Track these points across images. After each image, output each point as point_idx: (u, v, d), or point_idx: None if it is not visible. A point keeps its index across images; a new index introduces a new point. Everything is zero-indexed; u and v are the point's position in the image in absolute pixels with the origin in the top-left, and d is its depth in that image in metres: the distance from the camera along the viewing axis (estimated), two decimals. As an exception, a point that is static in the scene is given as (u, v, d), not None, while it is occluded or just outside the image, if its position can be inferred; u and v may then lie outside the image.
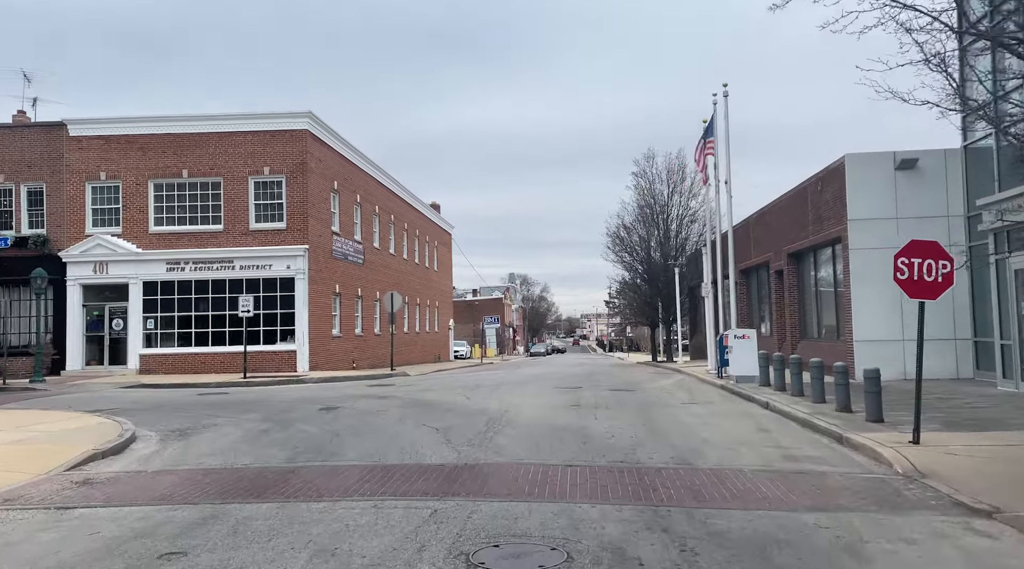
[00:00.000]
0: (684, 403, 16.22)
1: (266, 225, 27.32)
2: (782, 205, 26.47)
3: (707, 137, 23.88)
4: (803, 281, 25.57)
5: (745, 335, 20.25)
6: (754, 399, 16.22)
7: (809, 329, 25.14)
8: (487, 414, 14.17)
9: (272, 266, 27.04)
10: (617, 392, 18.97)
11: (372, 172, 35.91)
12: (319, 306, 28.01)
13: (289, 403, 16.69)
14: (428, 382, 24.30)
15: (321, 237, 28.55)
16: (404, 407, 15.55)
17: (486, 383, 23.23)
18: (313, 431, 12.30)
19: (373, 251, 35.77)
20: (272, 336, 27.03)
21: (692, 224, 39.01)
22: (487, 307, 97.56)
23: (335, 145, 30.33)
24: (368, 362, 33.61)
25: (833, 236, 21.10)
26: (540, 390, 19.85)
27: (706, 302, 27.42)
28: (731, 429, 12.23)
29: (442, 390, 20.25)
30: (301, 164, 27.26)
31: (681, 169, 38.85)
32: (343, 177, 31.40)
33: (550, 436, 11.37)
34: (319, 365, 27.72)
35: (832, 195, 20.99)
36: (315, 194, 28.05)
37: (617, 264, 43.50)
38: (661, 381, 23.34)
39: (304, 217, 27.18)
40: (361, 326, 33.56)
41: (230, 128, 27.25)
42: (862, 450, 9.90)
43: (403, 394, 18.81)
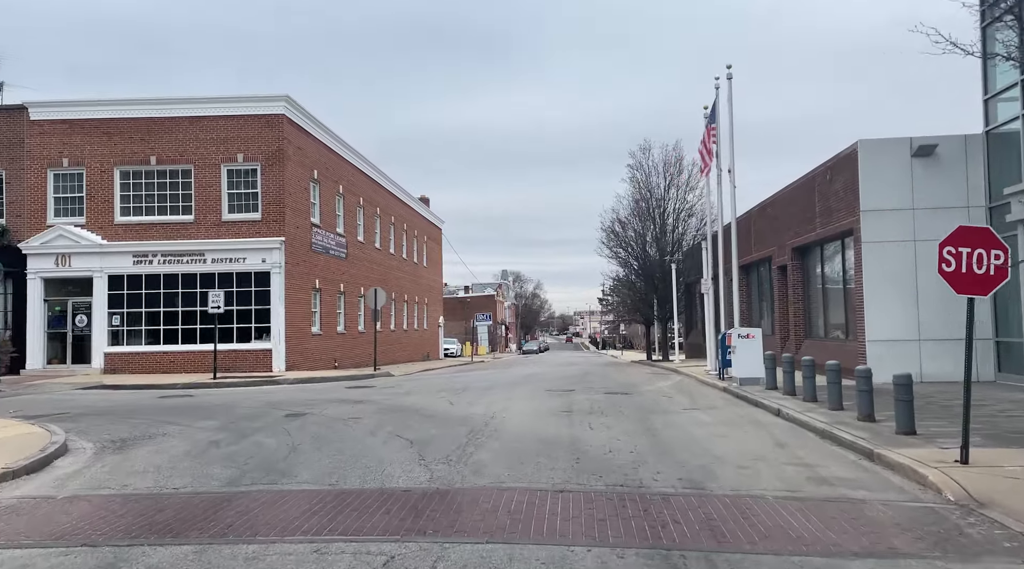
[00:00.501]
0: (686, 409, 14.84)
1: (240, 216, 25.77)
2: (786, 197, 25.11)
3: (710, 124, 22.49)
4: (808, 277, 24.22)
5: (750, 334, 18.88)
6: (763, 404, 14.84)
7: (815, 328, 23.80)
8: (470, 422, 12.75)
9: (246, 259, 25.50)
10: (613, 395, 17.57)
11: (357, 162, 34.38)
12: (297, 302, 26.51)
13: (254, 408, 15.23)
14: (412, 384, 22.85)
15: (299, 229, 27.02)
16: (380, 414, 14.11)
17: (473, 385, 21.81)
18: (270, 443, 10.84)
19: (357, 245, 34.25)
20: (246, 334, 25.51)
21: (689, 218, 37.69)
22: (479, 304, 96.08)
23: (315, 132, 28.79)
24: (352, 361, 32.13)
25: (843, 228, 19.74)
26: (530, 393, 18.44)
27: (705, 299, 26.05)
28: (743, 441, 10.84)
29: (425, 393, 18.81)
30: (277, 151, 25.72)
31: (678, 162, 37.52)
32: (324, 166, 29.87)
33: (539, 450, 9.95)
34: (297, 365, 26.22)
35: (843, 185, 19.63)
36: (293, 183, 26.52)
37: (612, 260, 42.07)
38: (659, 383, 21.96)
39: (281, 207, 25.65)
40: (344, 323, 32.05)
41: (202, 112, 25.68)
42: (900, 471, 8.52)
43: (382, 398, 17.36)
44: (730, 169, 20.40)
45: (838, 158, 19.96)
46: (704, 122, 23.74)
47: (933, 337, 17.97)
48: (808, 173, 22.66)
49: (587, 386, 20.65)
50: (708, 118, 23.01)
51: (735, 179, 20.40)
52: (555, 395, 17.72)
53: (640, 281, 41.00)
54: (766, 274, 28.90)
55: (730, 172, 20.40)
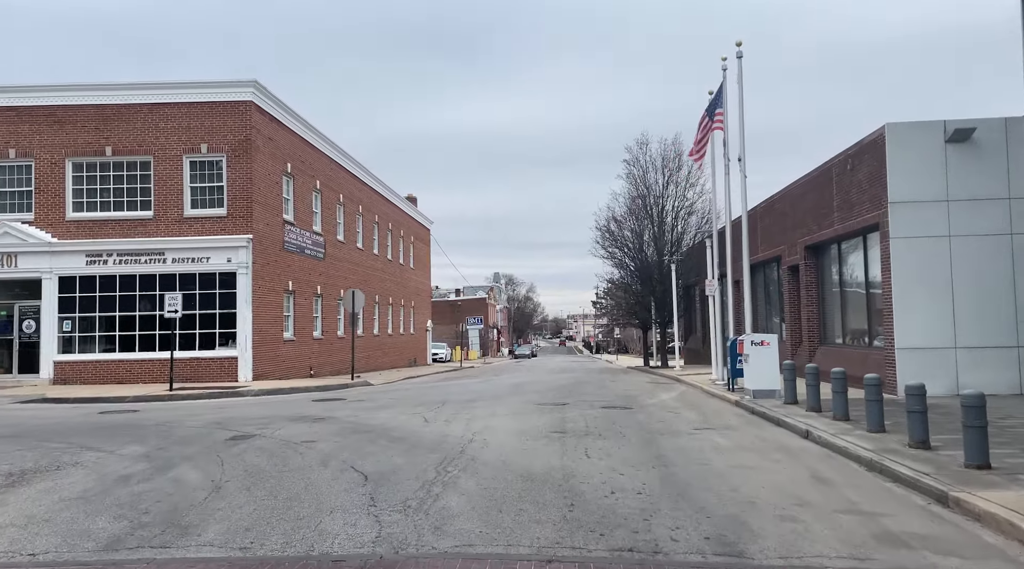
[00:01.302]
0: (697, 429, 12.81)
1: (204, 211, 23.67)
2: (797, 192, 23.16)
3: (715, 109, 20.53)
4: (823, 278, 22.26)
5: (764, 341, 16.89)
6: (785, 424, 12.84)
7: (830, 334, 21.82)
8: (444, 448, 10.71)
9: (210, 259, 23.39)
10: (611, 411, 15.54)
11: (336, 157, 32.29)
12: (267, 305, 24.40)
13: (197, 429, 13.14)
14: (389, 395, 20.78)
15: (270, 226, 24.93)
16: (340, 436, 12.05)
17: (456, 396, 19.76)
18: (192, 479, 8.78)
19: (336, 245, 32.15)
20: (210, 340, 23.39)
21: (689, 217, 35.74)
22: (470, 307, 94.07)
23: (289, 122, 26.71)
24: (330, 369, 30.03)
25: (866, 223, 17.78)
26: (518, 408, 16.40)
27: (710, 301, 24.05)
28: (775, 476, 8.83)
29: (400, 407, 16.76)
30: (245, 141, 23.62)
31: (677, 157, 35.51)
32: (299, 160, 27.79)
33: (523, 492, 7.92)
34: (266, 373, 24.10)
35: (867, 174, 17.67)
36: (262, 177, 24.44)
37: (607, 260, 40.06)
38: (661, 394, 19.95)
39: (248, 203, 23.56)
40: (321, 328, 29.94)
41: (162, 98, 23.57)
42: (993, 524, 6.53)
43: (349, 414, 15.29)
44: (740, 158, 18.42)
45: (861, 145, 18.01)
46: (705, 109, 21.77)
47: (971, 344, 16.00)
48: (824, 163, 20.72)
49: (581, 398, 18.62)
50: (712, 103, 21.04)
51: (746, 169, 18.43)
52: (546, 410, 15.68)
53: (637, 283, 39.05)
54: (774, 276, 26.96)
55: (740, 161, 18.41)
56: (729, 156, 20.27)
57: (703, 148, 21.44)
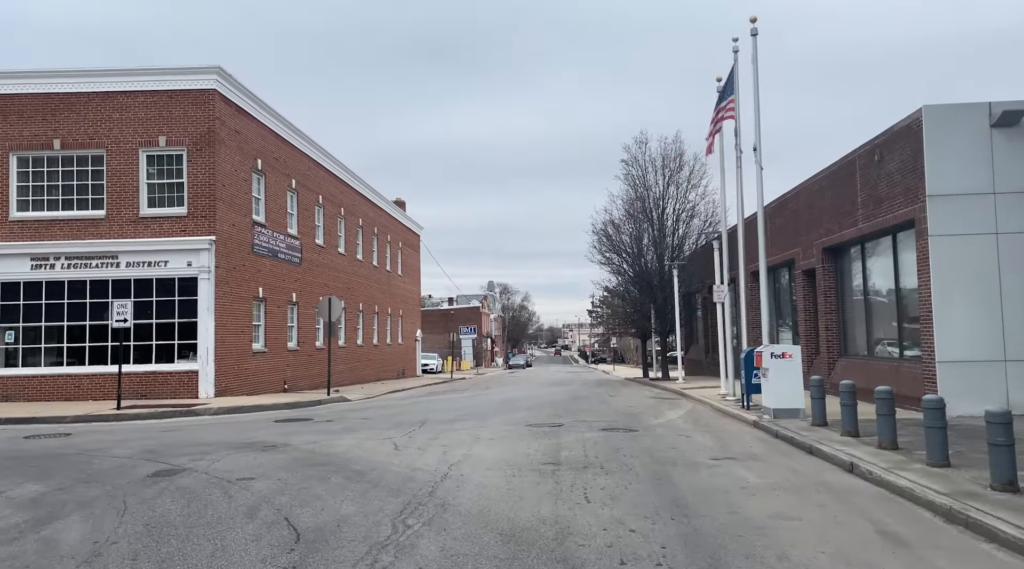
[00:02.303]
0: (717, 459, 10.75)
1: (162, 210, 21.55)
2: (813, 189, 21.19)
3: (727, 96, 18.58)
4: (844, 283, 20.27)
5: (786, 353, 14.87)
6: (821, 453, 10.79)
7: (853, 344, 19.81)
8: (409, 488, 8.64)
9: (168, 263, 21.27)
10: (613, 434, 13.47)
11: (315, 155, 30.24)
12: (232, 314, 22.27)
13: (122, 459, 11.04)
14: (364, 413, 18.67)
15: (236, 228, 22.82)
16: (288, 469, 9.96)
17: (438, 414, 17.67)
18: (70, 540, 6.71)
19: (315, 249, 30.05)
20: (168, 352, 21.24)
21: (691, 220, 33.72)
22: (463, 316, 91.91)
23: (259, 115, 24.65)
24: (308, 382, 27.88)
25: (899, 220, 15.80)
26: (506, 430, 14.31)
27: (718, 309, 22.02)
28: (831, 530, 6.78)
29: (372, 429, 14.66)
30: (208, 133, 21.55)
31: (678, 156, 33.53)
32: (272, 156, 25.73)
33: (503, 560, 5.85)
34: (231, 389, 21.95)
35: (899, 165, 15.70)
36: (228, 173, 22.36)
37: (604, 266, 37.99)
38: (667, 412, 17.88)
39: (211, 201, 21.46)
40: (297, 339, 27.80)
41: (117, 86, 21.50)
42: None
43: (309, 439, 13.18)
44: (756, 147, 16.43)
45: (892, 132, 16.04)
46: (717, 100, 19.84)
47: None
48: (845, 156, 18.76)
49: (579, 417, 16.54)
50: (722, 91, 19.10)
51: (762, 159, 16.43)
52: (537, 433, 13.59)
53: (635, 290, 36.98)
54: (785, 281, 24.96)
55: (756, 151, 16.42)
56: (741, 147, 18.29)
57: (711, 140, 19.47)
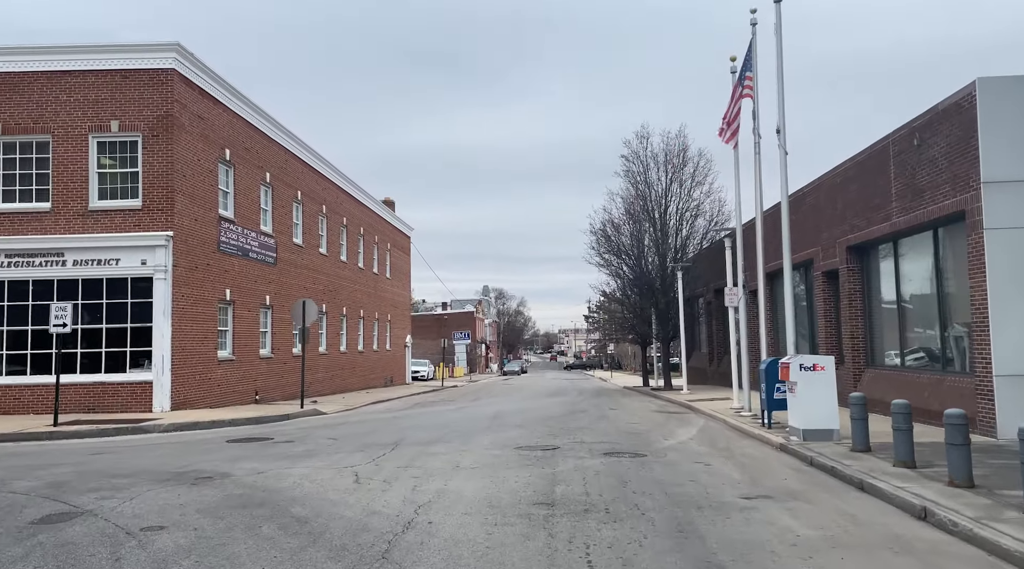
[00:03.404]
0: (749, 497, 8.68)
1: (114, 203, 19.44)
2: (836, 182, 19.20)
3: (744, 73, 16.59)
4: (871, 284, 18.25)
5: (818, 365, 12.81)
6: (876, 490, 8.73)
7: (881, 354, 17.78)
8: (357, 548, 6.56)
9: (120, 261, 19.15)
10: (618, 460, 11.40)
11: (294, 148, 28.16)
12: (194, 318, 20.15)
13: (13, 498, 8.96)
14: (335, 430, 16.57)
15: (199, 223, 20.71)
16: (213, 514, 7.88)
17: (417, 432, 15.58)
18: None
19: (293, 249, 27.95)
20: (119, 361, 19.10)
21: (695, 219, 31.71)
22: (457, 321, 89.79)
23: (227, 100, 22.56)
24: (283, 392, 25.74)
25: (944, 213, 13.78)
26: (492, 453, 12.23)
27: (730, 313, 19.98)
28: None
29: (336, 452, 12.57)
30: (165, 118, 19.46)
31: (682, 151, 31.53)
32: (242, 146, 23.64)
33: None
34: (192, 401, 19.82)
35: (945, 149, 13.68)
36: (189, 162, 20.26)
37: (603, 269, 35.93)
38: (678, 431, 15.81)
39: (169, 192, 19.36)
40: (271, 345, 25.67)
41: (64, 65, 19.41)
42: None
43: (255, 467, 11.08)
44: (779, 129, 14.38)
45: (936, 112, 14.03)
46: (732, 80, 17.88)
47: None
48: (876, 143, 16.77)
49: (576, 437, 14.46)
50: (740, 70, 17.12)
51: (786, 142, 14.39)
52: (529, 459, 11.50)
53: (635, 294, 34.94)
54: (802, 284, 22.93)
55: (779, 133, 14.37)
56: (760, 131, 16.29)
57: (735, 124, 17.45)
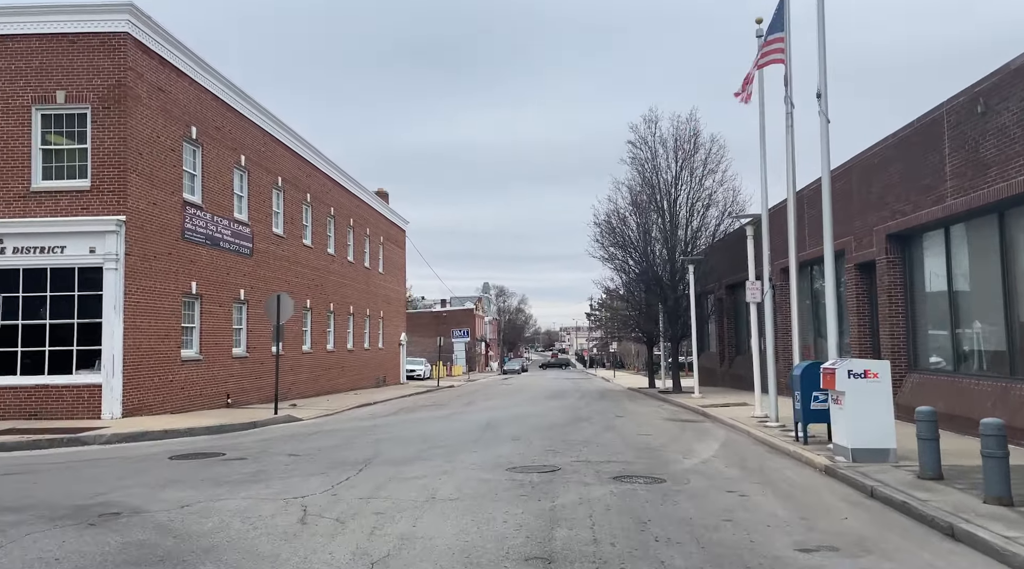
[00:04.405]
0: (806, 549, 6.56)
1: (59, 184, 17.34)
2: (873, 162, 17.06)
3: (771, 35, 14.45)
4: (916, 277, 16.12)
5: (870, 371, 10.69)
6: (976, 540, 6.61)
7: (926, 356, 15.65)
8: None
9: (66, 249, 17.06)
10: (631, 488, 9.27)
11: (272, 129, 26.03)
12: (151, 313, 18.06)
13: None
14: (302, 442, 14.47)
15: (158, 207, 18.61)
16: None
17: (393, 448, 13.47)
18: None
19: (272, 239, 25.84)
20: (64, 361, 17.02)
21: (707, 210, 29.54)
22: (456, 319, 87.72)
23: (194, 73, 20.42)
24: (260, 394, 23.65)
25: (1016, 191, 11.64)
26: (479, 477, 10.10)
27: (752, 310, 17.85)
28: None
29: (289, 476, 10.47)
30: (117, 88, 17.35)
31: (693, 137, 29.35)
32: (211, 125, 21.51)
33: None
34: (148, 406, 17.74)
35: (1017, 115, 11.53)
36: (147, 139, 18.15)
37: (607, 263, 33.77)
38: (697, 445, 13.67)
39: (122, 171, 17.26)
40: (246, 344, 23.57)
41: (2, 29, 17.28)
42: None
43: (180, 499, 8.97)
44: (820, 93, 12.21)
45: (1007, 71, 11.88)
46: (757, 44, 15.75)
47: None
48: (925, 115, 14.63)
49: (580, 453, 12.33)
50: (766, 31, 14.98)
51: (828, 108, 12.19)
52: (522, 487, 9.37)
53: (641, 290, 32.81)
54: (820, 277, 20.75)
55: (820, 97, 12.19)
56: (793, 100, 14.13)
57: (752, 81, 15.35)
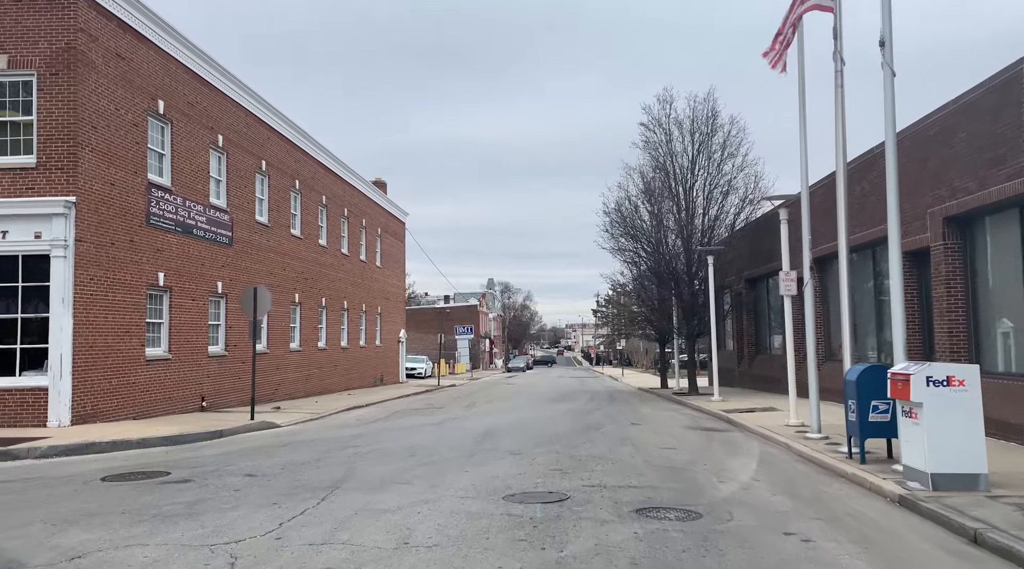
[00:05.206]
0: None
1: (0, 160, 15.36)
2: (929, 134, 14.94)
3: (816, -21, 12.35)
4: (980, 266, 14.01)
5: (953, 378, 8.62)
6: None
7: (992, 356, 13.53)
8: None
9: (8, 234, 15.08)
10: (660, 529, 7.22)
11: (255, 109, 23.99)
12: (108, 307, 16.08)
13: None
14: (265, 458, 12.47)
15: (117, 188, 16.61)
16: None
17: (370, 466, 11.46)
18: None
19: (255, 228, 23.83)
20: (9, 360, 15.05)
21: (725, 197, 27.39)
22: (459, 316, 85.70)
23: (161, 40, 18.37)
24: (241, 396, 21.65)
25: None
26: (468, 509, 8.06)
27: (786, 303, 15.77)
28: None
29: (233, 507, 8.48)
30: (67, 51, 15.35)
31: (711, 119, 27.21)
32: (183, 99, 19.50)
33: None
34: (105, 411, 15.77)
35: None
36: (102, 111, 16.15)
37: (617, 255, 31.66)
38: (730, 463, 11.61)
39: (72, 146, 15.26)
40: (225, 341, 21.58)
41: (-65, -16, 15.34)
42: None
43: (80, 541, 6.98)
44: (883, 41, 10.12)
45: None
46: None
47: None
48: (995, 76, 12.50)
49: (592, 475, 10.27)
50: (809, -21, 12.86)
51: (893, 59, 10.10)
52: (521, 527, 7.32)
53: (653, 284, 30.69)
54: (869, 268, 18.68)
55: (883, 46, 10.10)
56: (843, 56, 12.03)
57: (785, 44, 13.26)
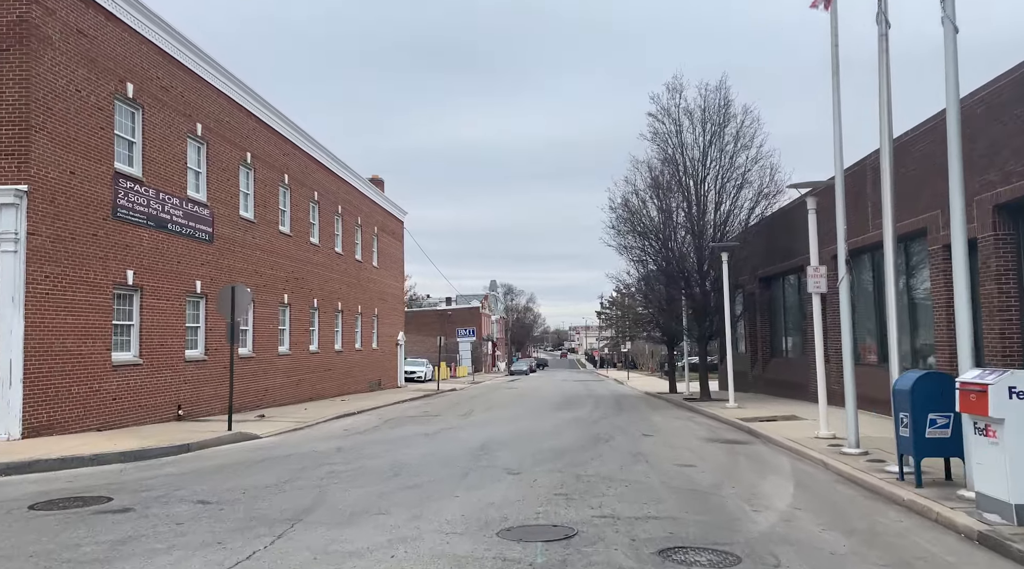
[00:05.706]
0: None
1: (-55, 145, 13.95)
2: (977, 112, 13.38)
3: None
4: (1039, 259, 12.50)
5: (1044, 388, 7.09)
6: None
7: (1057, 360, 12.02)
8: None
9: (-48, 227, 13.67)
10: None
11: (238, 97, 22.53)
12: (64, 307, 14.63)
13: None
14: (225, 480, 11.01)
15: (77, 177, 15.17)
16: None
17: (340, 495, 9.98)
18: None
19: (239, 224, 22.38)
20: (-49, 368, 13.62)
21: (739, 191, 25.89)
22: (461, 318, 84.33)
23: (128, 17, 16.87)
24: (222, 403, 20.13)
25: None
26: (452, 553, 6.56)
27: (815, 301, 14.26)
28: None
29: (167, 550, 7.01)
30: (18, 25, 13.93)
31: (723, 108, 25.69)
32: (157, 84, 18.07)
33: None
34: (63, 422, 14.32)
35: None
36: (60, 92, 14.71)
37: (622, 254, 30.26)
38: (762, 485, 10.10)
39: (23, 129, 13.83)
40: (205, 345, 20.13)
41: None
42: None
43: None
44: (942, -10, 8.64)
45: None
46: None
47: None
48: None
49: (605, 504, 8.76)
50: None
51: (955, 14, 8.63)
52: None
53: (661, 283, 29.20)
54: (901, 261, 17.15)
55: (943, 0, 8.64)
56: (889, 19, 10.53)
57: None
